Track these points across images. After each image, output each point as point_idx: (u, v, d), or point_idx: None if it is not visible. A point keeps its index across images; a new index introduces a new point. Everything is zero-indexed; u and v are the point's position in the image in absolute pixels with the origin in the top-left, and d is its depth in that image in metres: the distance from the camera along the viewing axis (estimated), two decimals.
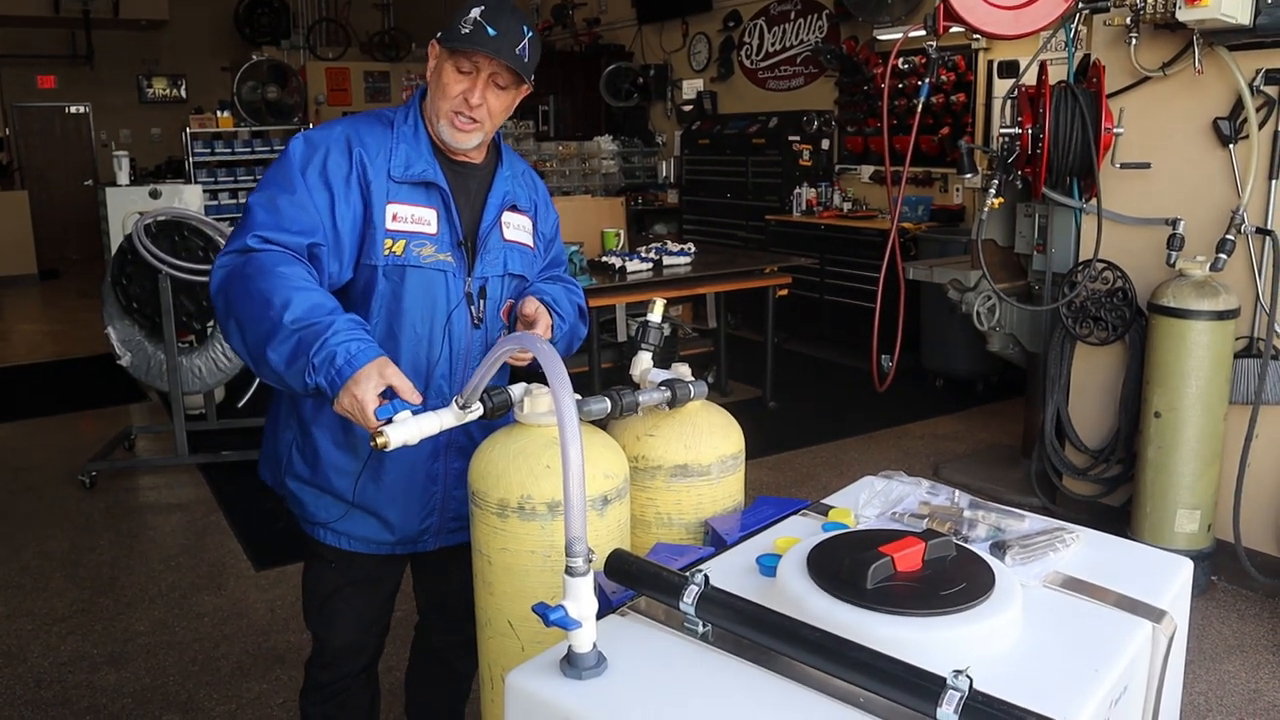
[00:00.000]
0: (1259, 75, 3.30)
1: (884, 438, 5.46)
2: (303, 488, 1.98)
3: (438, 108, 1.85)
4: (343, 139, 1.83)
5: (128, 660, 3.21)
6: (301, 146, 1.83)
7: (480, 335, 1.95)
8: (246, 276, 1.68)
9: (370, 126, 1.88)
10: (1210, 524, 3.47)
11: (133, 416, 6.00)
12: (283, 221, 1.75)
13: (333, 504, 1.97)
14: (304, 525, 2.03)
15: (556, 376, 1.28)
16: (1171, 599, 1.57)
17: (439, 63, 1.85)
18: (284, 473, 2.00)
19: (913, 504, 1.81)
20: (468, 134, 1.86)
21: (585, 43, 10.63)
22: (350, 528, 1.98)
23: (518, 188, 2.02)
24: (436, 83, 1.85)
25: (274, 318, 1.61)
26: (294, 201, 1.77)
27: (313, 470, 1.96)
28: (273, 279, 1.66)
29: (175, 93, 13.60)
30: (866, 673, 1.20)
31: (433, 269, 1.88)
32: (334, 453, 1.94)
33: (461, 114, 1.83)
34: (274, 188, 1.79)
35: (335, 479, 1.94)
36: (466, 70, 1.82)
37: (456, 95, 1.82)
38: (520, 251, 2.01)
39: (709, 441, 1.85)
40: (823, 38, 7.90)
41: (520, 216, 2.02)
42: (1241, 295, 3.40)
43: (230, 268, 1.72)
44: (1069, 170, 3.65)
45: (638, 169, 9.98)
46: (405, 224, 1.86)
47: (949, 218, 6.80)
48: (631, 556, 1.47)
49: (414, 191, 1.87)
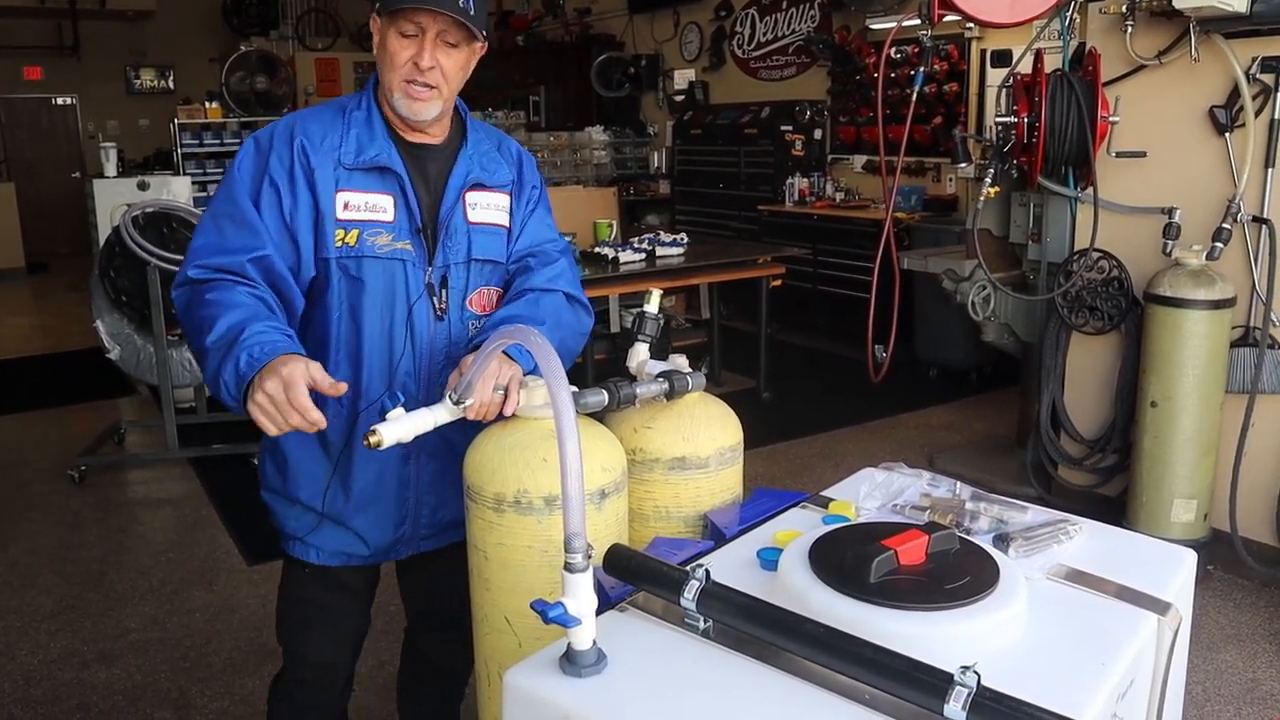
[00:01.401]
0: (1255, 63, 3.29)
1: (878, 428, 5.45)
2: (275, 499, 1.91)
3: (389, 81, 1.75)
4: (286, 131, 1.77)
5: (118, 657, 3.18)
6: (249, 150, 1.78)
7: (444, 328, 1.85)
8: (188, 309, 1.69)
9: (318, 115, 1.81)
10: (1206, 513, 3.47)
11: (122, 410, 5.95)
12: (224, 243, 1.71)
13: (303, 515, 1.89)
14: (280, 540, 1.96)
15: (552, 370, 1.25)
16: (1176, 591, 1.55)
17: (382, 35, 1.75)
18: (260, 485, 1.94)
19: (914, 496, 1.79)
20: (425, 102, 1.76)
21: (576, 33, 10.58)
22: (322, 541, 1.90)
23: (488, 164, 1.90)
24: (383, 55, 1.75)
25: (203, 344, 1.61)
26: (235, 217, 1.73)
27: (283, 480, 1.89)
28: (205, 308, 1.64)
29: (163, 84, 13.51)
30: (872, 669, 1.18)
31: (390, 258, 1.79)
32: (303, 461, 1.86)
33: (414, 81, 1.73)
34: (218, 204, 1.76)
35: (304, 489, 1.87)
36: (411, 33, 1.71)
37: (405, 63, 1.72)
38: (489, 233, 1.89)
39: (707, 433, 1.82)
40: (815, 27, 7.87)
41: (491, 194, 1.90)
42: (1237, 284, 3.39)
43: (180, 301, 1.73)
44: (1065, 159, 3.63)
45: (629, 159, 9.95)
46: (358, 212, 1.77)
47: (942, 208, 6.78)
48: (631, 551, 1.45)
49: (367, 178, 1.78)
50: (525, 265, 1.94)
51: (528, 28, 11.45)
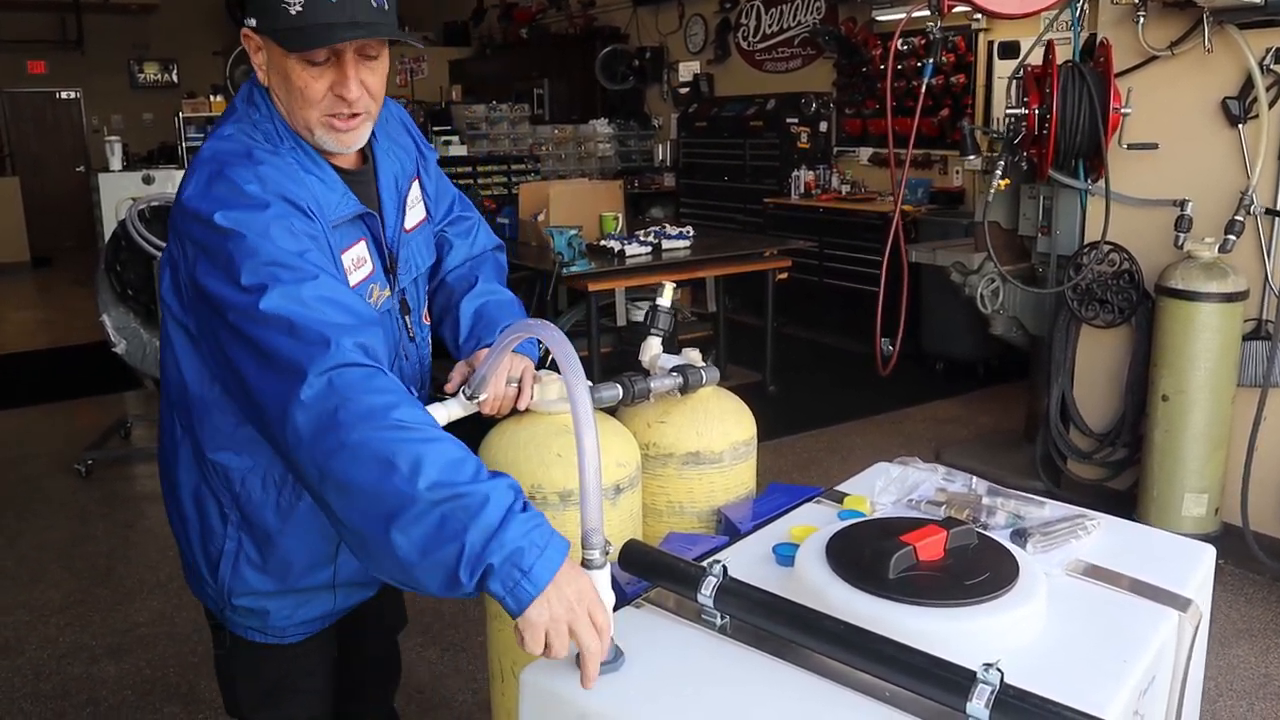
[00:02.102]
0: (1269, 54, 3.26)
1: (884, 422, 5.43)
2: (267, 600, 1.60)
3: (303, 118, 1.43)
4: (277, 198, 1.37)
5: (127, 652, 3.17)
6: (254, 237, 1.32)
7: (414, 349, 1.69)
8: (340, 422, 1.22)
9: (274, 166, 1.41)
10: (1218, 508, 3.45)
11: (128, 404, 5.95)
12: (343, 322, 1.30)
13: (314, 598, 1.64)
14: (254, 634, 1.64)
15: (569, 364, 1.24)
16: (1196, 587, 1.54)
17: (278, 60, 1.40)
18: (228, 593, 1.59)
19: (929, 491, 1.78)
20: (356, 131, 1.47)
21: (580, 25, 10.55)
22: (339, 605, 1.68)
23: (399, 154, 1.65)
24: (287, 87, 1.41)
25: (401, 486, 1.18)
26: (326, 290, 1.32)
27: (283, 579, 1.59)
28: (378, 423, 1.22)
29: (167, 77, 13.50)
30: (894, 666, 1.17)
31: (384, 313, 1.57)
32: (311, 550, 1.57)
33: (339, 114, 1.44)
34: (286, 285, 1.29)
35: (314, 572, 1.61)
36: (321, 60, 1.39)
37: (323, 95, 1.41)
38: (422, 234, 1.71)
39: (720, 428, 1.81)
40: (820, 19, 7.84)
41: (413, 187, 1.68)
42: (1250, 277, 3.37)
43: (318, 407, 1.23)
44: (1076, 151, 3.61)
45: (634, 152, 9.93)
46: (353, 274, 1.50)
47: (949, 200, 6.76)
48: (647, 547, 1.44)
49: (346, 232, 1.50)
50: (440, 239, 1.80)
51: (532, 20, 11.43)
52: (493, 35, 12.40)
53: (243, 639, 1.65)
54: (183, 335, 1.50)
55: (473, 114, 9.41)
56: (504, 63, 11.88)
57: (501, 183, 8.67)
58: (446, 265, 1.82)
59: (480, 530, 1.15)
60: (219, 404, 1.50)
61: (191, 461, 1.58)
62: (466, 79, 12.31)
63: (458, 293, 1.77)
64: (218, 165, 1.39)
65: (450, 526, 1.15)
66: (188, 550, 1.64)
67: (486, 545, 1.14)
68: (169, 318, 1.51)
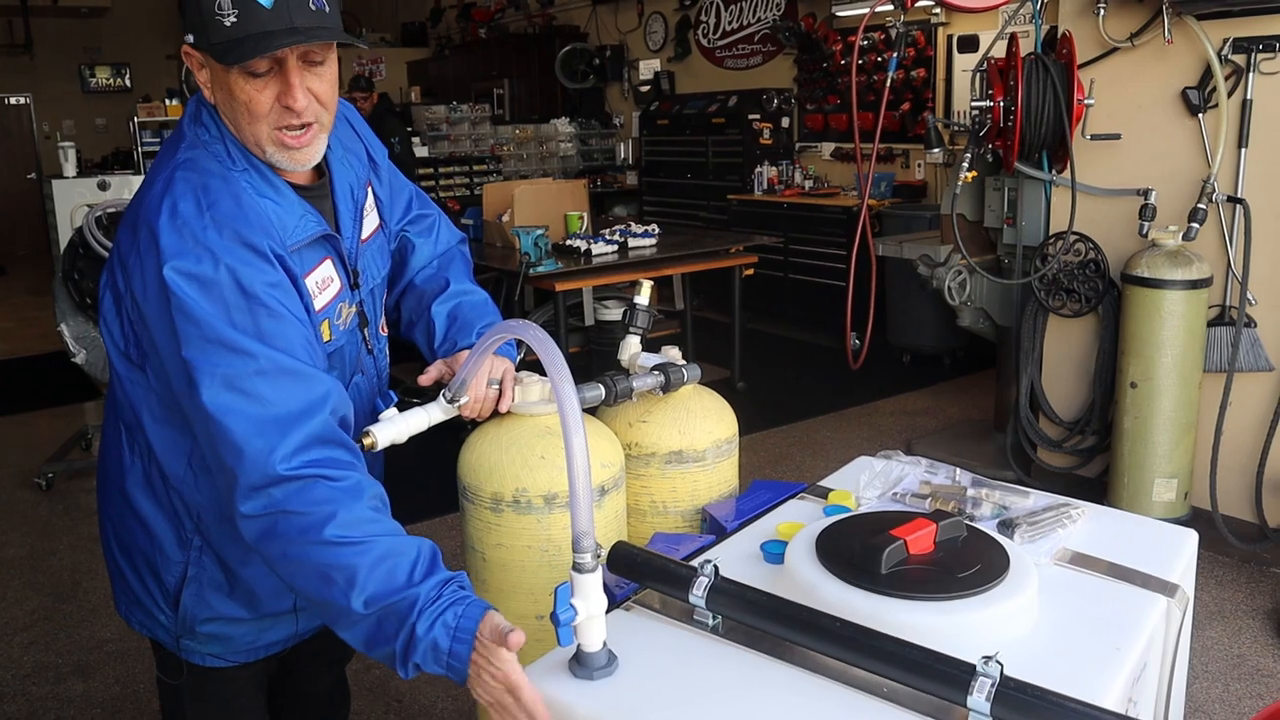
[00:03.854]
0: (1227, 44, 3.30)
1: (854, 415, 5.45)
2: (232, 626, 1.56)
3: (252, 134, 1.37)
4: (232, 239, 1.31)
5: (95, 669, 3.10)
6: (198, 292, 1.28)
7: (371, 363, 1.63)
8: (280, 534, 1.28)
9: (223, 197, 1.34)
10: (1187, 492, 3.49)
11: (89, 415, 5.82)
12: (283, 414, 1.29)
13: (279, 620, 1.61)
14: (211, 660, 1.59)
15: (555, 365, 1.21)
16: (1181, 572, 1.55)
17: (220, 75, 1.34)
18: (190, 620, 1.54)
19: (913, 484, 1.78)
20: (308, 146, 1.40)
21: (539, 24, 10.50)
22: (302, 626, 1.65)
23: (352, 161, 1.58)
24: (231, 103, 1.35)
25: (338, 600, 1.25)
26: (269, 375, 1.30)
27: (252, 606, 1.55)
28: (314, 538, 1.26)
29: (120, 81, 13.25)
30: (893, 662, 1.16)
31: (352, 330, 1.55)
32: (275, 578, 1.46)
33: (289, 127, 1.37)
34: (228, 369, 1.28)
35: (277, 601, 1.57)
36: (264, 70, 1.33)
37: (270, 108, 1.35)
38: (377, 243, 1.64)
39: (703, 426, 1.80)
40: (780, 15, 7.85)
41: (367, 196, 1.62)
42: (1213, 264, 3.41)
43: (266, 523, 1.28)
44: (1041, 143, 3.63)
45: (595, 151, 9.90)
46: (320, 296, 1.45)
47: (911, 193, 6.80)
48: (635, 549, 1.42)
49: (308, 253, 1.44)
50: (402, 242, 1.76)
51: (490, 20, 11.36)
52: (451, 36, 12.31)
53: (200, 666, 1.60)
54: (125, 363, 1.44)
55: (433, 115, 9.33)
56: (463, 63, 11.80)
57: (464, 184, 8.61)
58: (413, 267, 1.77)
59: (405, 635, 1.23)
60: (171, 438, 1.45)
61: (144, 485, 1.51)
62: (426, 80, 12.22)
63: (429, 295, 1.74)
64: (172, 202, 1.33)
65: (385, 631, 1.25)
66: (134, 581, 1.56)
67: (409, 647, 1.23)
68: (110, 343, 1.45)
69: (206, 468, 1.40)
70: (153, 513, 1.50)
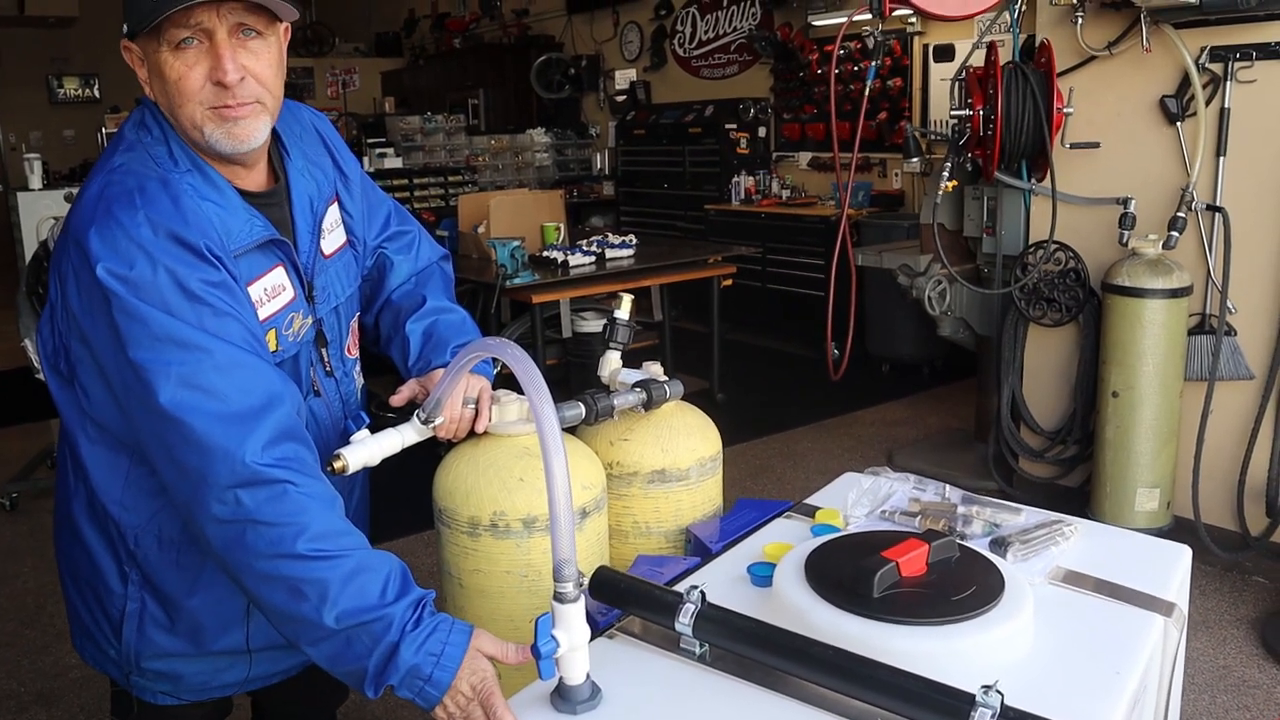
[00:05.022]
0: (1204, 53, 3.29)
1: (834, 426, 5.42)
2: (179, 662, 1.49)
3: (188, 116, 1.31)
4: (166, 241, 1.26)
5: (59, 697, 3.01)
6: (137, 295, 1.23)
7: (333, 385, 1.56)
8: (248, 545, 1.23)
9: (164, 203, 1.29)
10: (1169, 501, 3.48)
11: (54, 433, 5.70)
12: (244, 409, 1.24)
13: (232, 662, 1.53)
14: (163, 698, 1.52)
15: (534, 385, 1.16)
16: (1176, 589, 1.51)
17: (152, 59, 1.31)
18: (134, 656, 1.48)
19: (902, 501, 1.73)
20: (250, 120, 1.32)
21: (514, 34, 10.45)
22: (258, 671, 1.56)
23: (314, 172, 1.51)
24: (163, 87, 1.31)
25: (309, 614, 1.21)
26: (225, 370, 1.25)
27: (194, 641, 1.48)
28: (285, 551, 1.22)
29: (88, 92, 13.09)
30: (889, 692, 1.11)
31: (305, 343, 1.48)
32: (221, 609, 1.46)
33: (223, 106, 1.30)
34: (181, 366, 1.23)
35: (226, 637, 1.49)
36: (190, 41, 1.28)
37: (200, 85, 1.29)
38: (343, 259, 1.57)
39: (686, 444, 1.75)
40: (756, 24, 7.84)
41: (330, 210, 1.54)
42: (1193, 272, 3.40)
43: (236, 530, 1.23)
44: (1021, 152, 3.62)
45: (571, 161, 9.84)
46: (265, 306, 1.39)
47: (889, 203, 6.79)
48: (619, 574, 1.37)
49: (253, 259, 1.37)
50: (381, 258, 1.71)
51: (465, 30, 11.30)
52: (425, 46, 12.24)
53: (150, 704, 1.53)
54: (56, 379, 1.40)
55: (407, 125, 9.25)
56: (437, 73, 11.72)
57: (439, 195, 8.53)
58: (390, 284, 1.72)
59: (380, 655, 1.20)
60: (107, 459, 1.40)
61: (86, 513, 1.45)
62: (400, 90, 12.13)
63: (405, 312, 1.68)
64: (105, 205, 1.28)
65: (355, 649, 1.21)
66: (84, 612, 1.50)
67: (385, 668, 1.20)
68: (43, 357, 1.41)
69: (147, 489, 1.36)
70: (95, 541, 1.45)
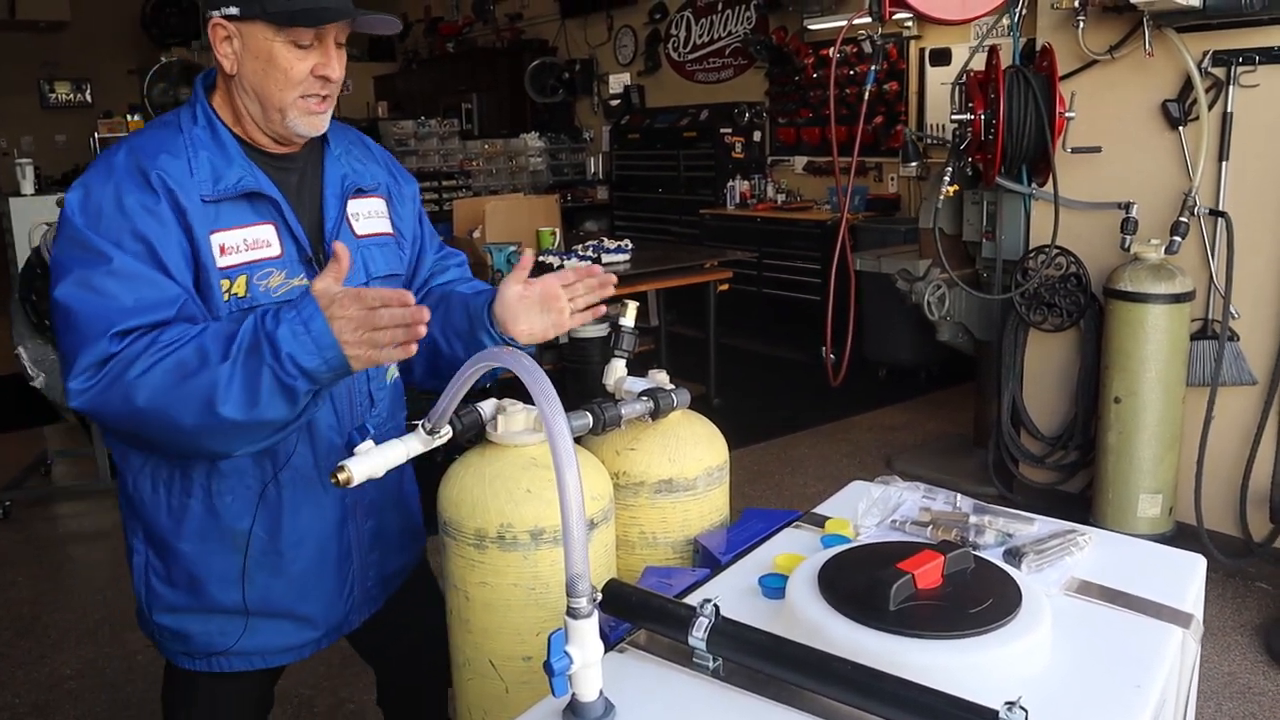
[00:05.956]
0: (1207, 56, 3.29)
1: (832, 431, 5.40)
2: (182, 618, 1.61)
3: (279, 100, 1.50)
4: (132, 170, 1.45)
5: (55, 708, 2.97)
6: (87, 208, 1.42)
7: None
8: (129, 379, 1.35)
9: (159, 140, 1.49)
10: (1172, 507, 3.46)
11: (48, 440, 5.66)
12: (121, 303, 1.38)
13: (227, 623, 1.62)
14: (185, 661, 1.66)
15: (544, 394, 1.14)
16: (1193, 600, 1.49)
17: (260, 44, 1.47)
18: (148, 608, 1.64)
19: (912, 510, 1.71)
20: (325, 114, 1.56)
21: (508, 38, 10.44)
22: (258, 643, 1.64)
23: (355, 164, 1.68)
24: (267, 70, 1.49)
25: (205, 374, 1.33)
26: (116, 272, 1.39)
27: (192, 594, 1.60)
28: (164, 352, 1.36)
29: (80, 97, 13.03)
30: (909, 708, 1.09)
31: (286, 301, 1.49)
32: (213, 561, 1.58)
33: (314, 95, 1.52)
34: (82, 269, 1.39)
35: (223, 592, 1.59)
36: (307, 43, 1.49)
37: (304, 76, 1.50)
38: (381, 245, 1.70)
39: (693, 453, 1.73)
40: (751, 28, 7.83)
41: (369, 200, 1.69)
42: (1195, 277, 3.39)
43: (101, 385, 1.36)
44: (1023, 156, 3.61)
45: (565, 166, 9.83)
46: (239, 254, 1.50)
47: (885, 207, 6.78)
48: (630, 587, 1.34)
49: (237, 209, 1.51)
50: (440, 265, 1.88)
51: (458, 34, 11.27)
52: (419, 50, 12.21)
53: (176, 667, 1.68)
54: None
55: (401, 130, 9.23)
56: (431, 78, 11.70)
57: (433, 199, 8.51)
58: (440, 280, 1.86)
59: (269, 350, 1.33)
60: None
61: (118, 474, 1.65)
62: (393, 95, 12.11)
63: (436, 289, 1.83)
64: (118, 143, 1.53)
65: (251, 365, 1.33)
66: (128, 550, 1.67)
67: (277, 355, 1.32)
68: None
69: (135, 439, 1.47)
70: (125, 506, 1.64)
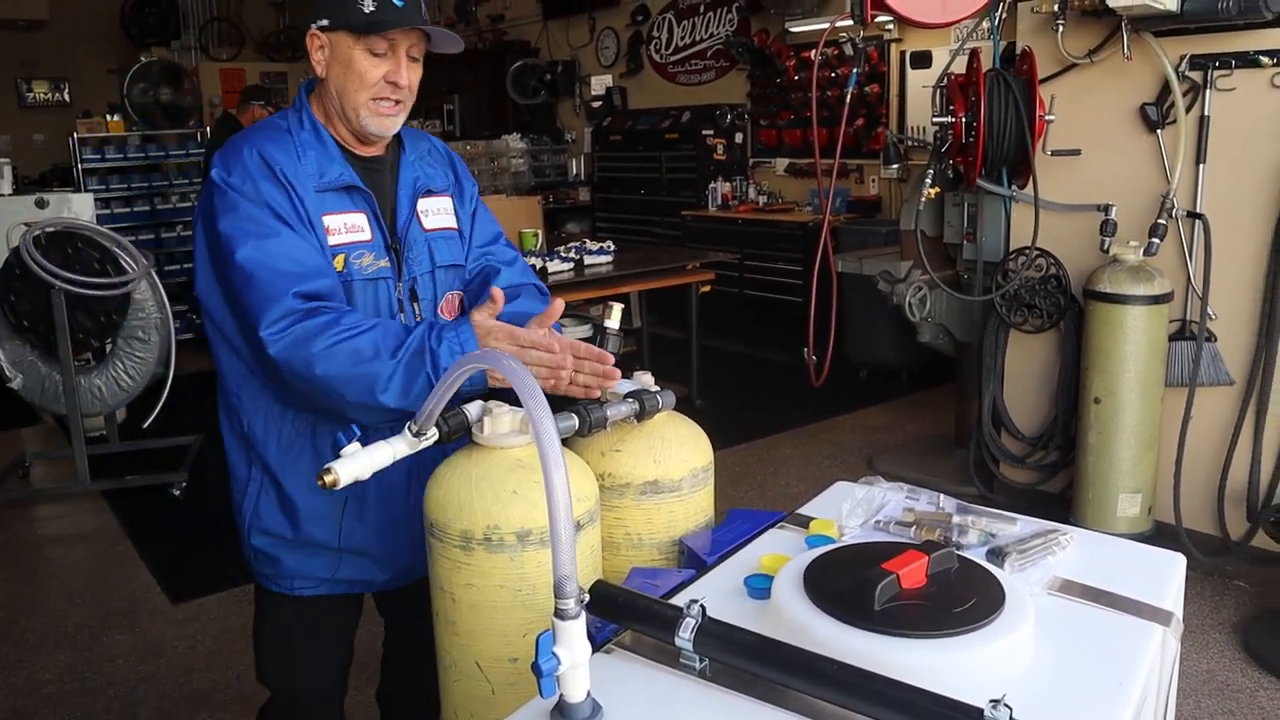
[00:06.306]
0: (1184, 61, 3.32)
1: (814, 432, 5.42)
2: (278, 545, 1.83)
3: (354, 100, 1.72)
4: (257, 164, 1.69)
5: (33, 713, 2.95)
6: (228, 198, 1.67)
7: None
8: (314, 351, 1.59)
9: (273, 139, 1.73)
10: (1151, 506, 3.49)
11: (26, 441, 5.61)
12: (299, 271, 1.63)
13: (318, 554, 1.83)
14: (271, 583, 1.88)
15: (532, 397, 1.14)
16: (1173, 599, 1.51)
17: (344, 51, 1.70)
18: (248, 529, 1.85)
19: (896, 511, 1.72)
20: (395, 117, 1.76)
21: (490, 39, 10.42)
22: (344, 573, 1.86)
23: (427, 169, 1.91)
24: (347, 73, 1.71)
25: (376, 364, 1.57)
26: (289, 245, 1.65)
27: (293, 526, 1.81)
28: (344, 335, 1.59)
29: (58, 96, 12.91)
30: (895, 707, 1.10)
31: (375, 278, 1.77)
32: (314, 500, 1.79)
33: (384, 99, 1.72)
34: (257, 239, 1.64)
35: (319, 529, 1.81)
36: (381, 52, 1.69)
37: (377, 81, 1.70)
38: (446, 239, 1.91)
39: (679, 455, 1.74)
40: (733, 30, 7.85)
41: (437, 199, 1.91)
42: (1173, 279, 3.43)
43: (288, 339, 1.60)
44: (1004, 158, 3.63)
45: (547, 167, 9.82)
46: (341, 235, 1.74)
47: (866, 209, 6.81)
48: (616, 588, 1.34)
49: (339, 199, 1.75)
50: (488, 265, 1.98)
51: None
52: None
53: (265, 590, 1.88)
54: (207, 318, 1.77)
55: None
56: None
57: None
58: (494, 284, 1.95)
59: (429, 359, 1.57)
60: (230, 362, 1.76)
61: (227, 422, 1.83)
62: None
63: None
64: (234, 140, 1.74)
65: (413, 368, 1.57)
66: (234, 512, 1.87)
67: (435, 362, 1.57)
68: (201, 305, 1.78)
69: (257, 380, 1.73)
70: (231, 441, 1.83)
